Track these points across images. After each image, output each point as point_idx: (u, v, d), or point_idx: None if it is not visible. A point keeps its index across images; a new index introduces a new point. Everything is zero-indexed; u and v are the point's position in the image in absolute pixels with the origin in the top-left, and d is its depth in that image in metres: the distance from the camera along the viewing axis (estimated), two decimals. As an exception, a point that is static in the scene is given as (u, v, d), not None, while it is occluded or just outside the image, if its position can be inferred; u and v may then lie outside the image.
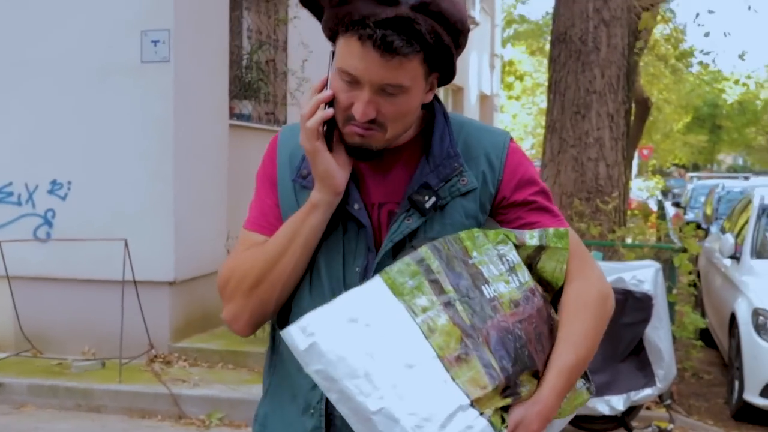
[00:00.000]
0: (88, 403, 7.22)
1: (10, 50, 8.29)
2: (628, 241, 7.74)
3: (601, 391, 6.36)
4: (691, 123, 44.33)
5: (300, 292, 2.06)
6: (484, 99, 24.04)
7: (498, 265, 1.94)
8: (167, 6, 7.92)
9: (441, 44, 1.89)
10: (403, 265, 1.87)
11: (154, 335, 7.97)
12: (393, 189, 2.05)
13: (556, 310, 2.03)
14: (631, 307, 6.40)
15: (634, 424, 6.71)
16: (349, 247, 2.03)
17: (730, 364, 7.92)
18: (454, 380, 1.77)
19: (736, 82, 26.57)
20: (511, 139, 2.14)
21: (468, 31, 1.98)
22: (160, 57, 7.90)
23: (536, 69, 37.65)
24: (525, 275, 1.97)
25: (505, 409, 1.84)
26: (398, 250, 1.97)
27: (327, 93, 1.95)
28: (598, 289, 2.04)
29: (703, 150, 55.96)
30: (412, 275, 1.86)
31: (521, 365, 1.86)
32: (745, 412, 7.43)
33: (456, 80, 15.12)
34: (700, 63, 14.23)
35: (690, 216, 18.38)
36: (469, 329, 1.82)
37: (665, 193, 27.88)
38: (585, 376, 2.08)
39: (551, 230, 2.01)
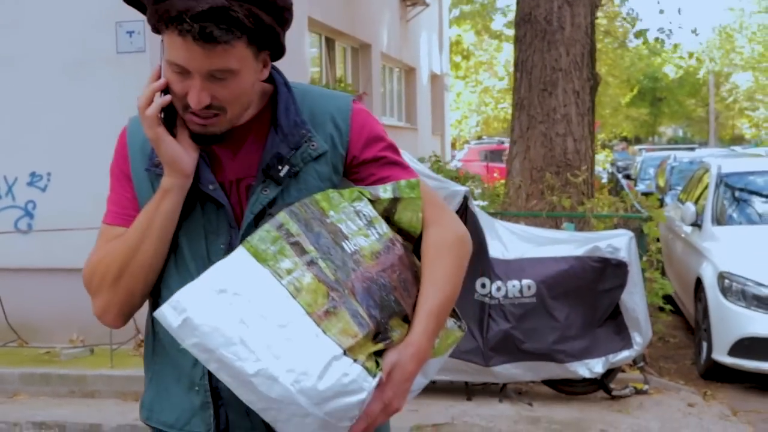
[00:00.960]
0: (82, 389, 7.37)
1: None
2: (597, 212, 8.05)
3: (581, 355, 6.68)
4: (633, 96, 45.09)
5: (167, 274, 2.11)
6: (435, 79, 24.31)
7: (356, 220, 2.03)
8: (141, -3, 8.03)
9: (262, 25, 1.94)
10: (264, 232, 1.96)
11: (139, 321, 8.10)
12: (247, 164, 2.10)
13: (419, 258, 2.12)
14: (608, 275, 6.72)
15: (612, 386, 7.04)
16: (210, 226, 2.09)
17: (697, 327, 8.27)
18: (325, 333, 1.86)
19: (676, 54, 27.05)
20: (354, 101, 2.21)
21: (291, 5, 2.03)
22: (135, 47, 8.03)
23: (478, 48, 38.06)
24: (383, 227, 2.05)
25: (379, 354, 1.93)
26: (260, 221, 2.04)
27: (161, 81, 2.00)
28: (454, 232, 2.14)
29: (645, 123, 56.84)
30: (273, 241, 1.94)
31: (389, 311, 1.95)
32: (713, 371, 7.79)
33: (408, 60, 15.37)
34: (641, 36, 14.59)
35: (641, 187, 18.80)
36: (334, 284, 1.91)
37: (614, 165, 28.40)
38: (456, 315, 2.20)
39: (403, 182, 2.10)
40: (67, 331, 8.29)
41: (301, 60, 12.43)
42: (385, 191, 2.09)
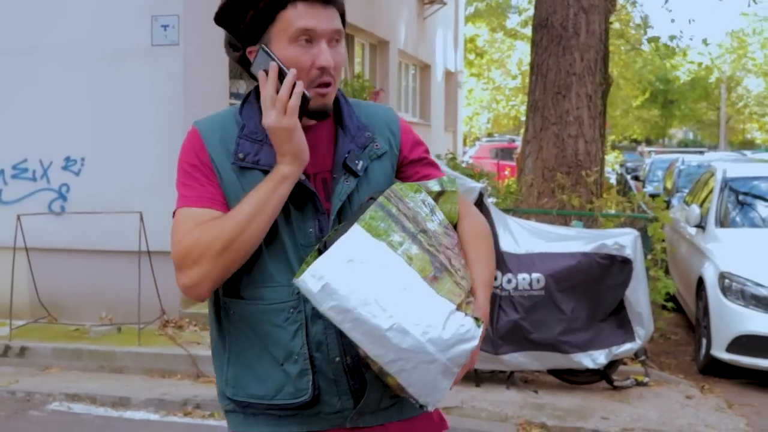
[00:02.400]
0: (111, 364, 7.75)
1: (26, 35, 8.77)
2: (605, 211, 8.40)
3: (585, 347, 7.03)
4: (645, 98, 45.27)
5: (267, 257, 2.28)
6: (449, 75, 24.62)
7: (423, 208, 2.29)
8: (176, -8, 8.44)
9: (343, 6, 2.33)
10: (372, 212, 2.21)
11: (165, 302, 8.51)
12: (320, 160, 2.33)
13: None
14: (613, 271, 7.07)
15: (614, 377, 7.39)
16: (296, 212, 2.28)
17: (698, 324, 8.62)
18: (438, 294, 2.14)
19: (684, 57, 27.30)
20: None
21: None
22: (169, 41, 8.40)
23: (492, 46, 38.26)
24: (441, 215, 2.32)
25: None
26: (342, 209, 2.30)
27: (293, 71, 2.21)
28: (482, 223, 2.46)
29: (655, 125, 56.95)
30: (382, 219, 2.20)
31: (468, 280, 2.26)
32: (711, 367, 8.14)
33: (424, 57, 15.76)
34: (654, 42, 14.93)
35: (649, 189, 19.09)
36: (435, 253, 2.21)
37: (623, 167, 28.68)
38: None
39: (445, 177, 2.42)
40: (96, 309, 8.68)
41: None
42: (434, 185, 2.37)
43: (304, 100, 2.22)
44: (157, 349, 7.80)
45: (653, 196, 12.74)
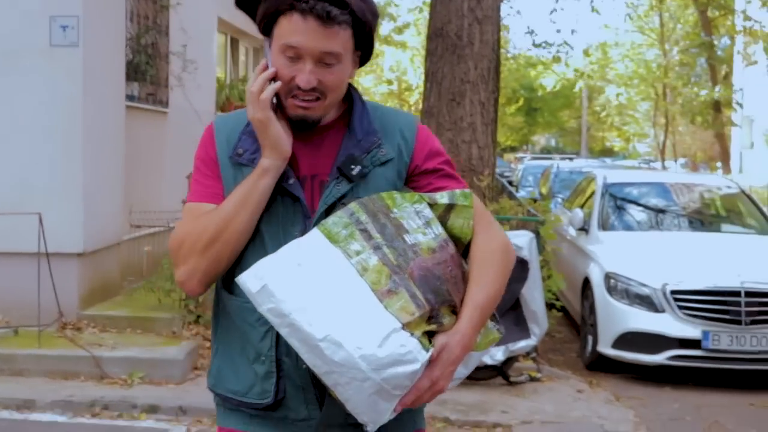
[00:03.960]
0: (11, 367, 7.63)
1: None
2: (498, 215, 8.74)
3: (483, 344, 7.34)
4: (508, 104, 46.41)
5: (246, 254, 2.29)
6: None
7: (415, 219, 2.22)
8: (76, -7, 8.39)
9: (366, 21, 2.25)
10: (337, 218, 2.18)
11: (62, 304, 8.43)
12: (323, 162, 2.32)
13: (466, 262, 2.32)
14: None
15: (509, 373, 7.73)
16: (286, 215, 2.29)
17: (584, 322, 9.06)
18: (386, 309, 2.05)
19: (550, 63, 28.07)
20: (419, 120, 2.48)
21: (379, 15, 2.35)
22: (69, 41, 8.33)
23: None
24: (438, 228, 2.24)
25: (430, 335, 2.12)
26: (330, 213, 2.23)
27: (272, 70, 2.26)
28: (500, 241, 2.36)
29: (519, 131, 58.47)
30: (344, 226, 2.15)
31: (441, 299, 2.14)
32: (597, 362, 8.59)
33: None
34: (539, 46, 15.56)
35: (522, 194, 19.69)
36: (396, 268, 2.11)
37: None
38: (495, 319, 2.42)
39: (458, 191, 2.32)
40: (-11, 312, 8.54)
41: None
42: (442, 197, 2.31)
43: (279, 104, 2.29)
44: (59, 351, 7.74)
45: (531, 200, 13.23)
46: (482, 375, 7.60)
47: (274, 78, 2.26)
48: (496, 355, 7.38)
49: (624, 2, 31.31)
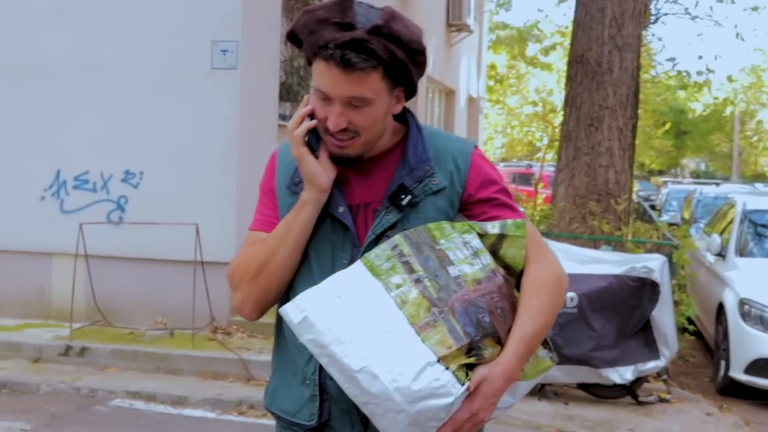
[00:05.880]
0: (166, 366, 8.26)
1: (94, 55, 9.31)
2: (633, 238, 8.91)
3: (613, 363, 7.51)
4: (656, 127, 45.68)
5: (297, 281, 2.35)
6: (471, 101, 25.17)
7: (463, 250, 2.23)
8: (236, 20, 8.99)
9: (396, 60, 2.21)
10: (380, 250, 2.20)
11: (215, 310, 9.03)
12: (375, 191, 2.34)
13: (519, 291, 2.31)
14: (642, 293, 7.57)
15: (638, 392, 7.88)
16: (337, 243, 2.33)
17: (717, 347, 9.11)
18: (423, 342, 2.07)
19: (709, 91, 27.78)
20: (475, 146, 2.44)
21: (424, 50, 2.29)
22: (228, 64, 8.96)
23: (510, 72, 38.79)
24: (487, 259, 2.24)
25: (471, 367, 2.12)
26: (379, 242, 2.26)
27: (308, 107, 2.30)
28: (553, 272, 2.33)
29: (668, 154, 57.35)
30: (387, 258, 2.18)
31: (483, 331, 2.13)
32: (729, 388, 8.62)
33: (449, 83, 16.34)
34: (680, 75, 15.53)
35: (665, 218, 19.55)
36: (437, 301, 2.12)
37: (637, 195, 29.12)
38: (548, 346, 2.36)
39: (510, 221, 2.31)
40: (148, 314, 9.19)
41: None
42: (493, 227, 2.30)
43: (318, 136, 2.34)
44: (210, 353, 8.31)
45: (671, 224, 13.27)
46: (611, 393, 7.78)
47: (311, 115, 2.32)
48: (626, 374, 7.54)
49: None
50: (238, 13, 9.02)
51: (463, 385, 2.07)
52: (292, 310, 2.16)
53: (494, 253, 2.27)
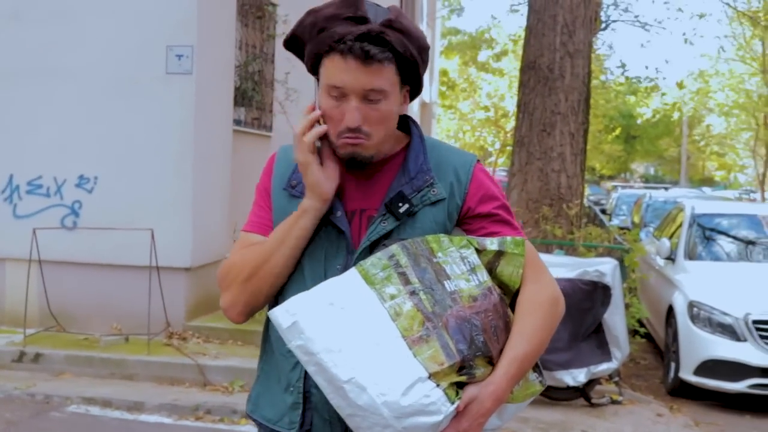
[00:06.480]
0: (121, 371, 8.23)
1: (48, 58, 9.26)
2: (585, 242, 9.05)
3: (566, 365, 7.61)
4: (606, 132, 46.12)
5: (287, 286, 2.32)
6: (425, 107, 25.32)
7: (460, 265, 2.18)
8: (191, 25, 8.99)
9: (409, 55, 2.22)
10: (376, 259, 2.14)
11: (170, 315, 9.02)
12: (372, 197, 2.31)
13: (513, 311, 2.26)
14: (594, 296, 7.68)
15: (591, 395, 8.00)
16: (330, 248, 2.29)
17: (667, 349, 9.27)
18: (415, 357, 2.01)
19: (646, 93, 28.00)
20: (478, 160, 2.39)
21: (428, 48, 2.31)
22: (183, 69, 8.96)
23: (461, 76, 39.06)
24: (484, 276, 2.19)
25: (461, 385, 2.08)
26: (374, 249, 2.22)
27: (318, 112, 2.25)
28: (550, 293, 2.27)
29: (618, 159, 57.94)
30: (383, 268, 2.12)
31: (476, 350, 2.07)
32: (679, 389, 8.78)
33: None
34: (629, 81, 15.77)
35: (615, 222, 19.78)
36: (431, 315, 2.06)
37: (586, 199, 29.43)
38: (538, 371, 2.31)
39: (509, 238, 2.24)
40: (103, 320, 9.15)
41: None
42: (492, 243, 2.24)
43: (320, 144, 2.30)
44: (166, 358, 8.30)
45: (621, 229, 13.47)
46: (564, 396, 7.88)
47: (320, 120, 2.28)
48: (578, 376, 7.65)
49: (721, 34, 31.11)
50: (193, 19, 9.03)
51: (452, 404, 2.03)
52: (281, 314, 2.10)
53: (491, 270, 2.23)
